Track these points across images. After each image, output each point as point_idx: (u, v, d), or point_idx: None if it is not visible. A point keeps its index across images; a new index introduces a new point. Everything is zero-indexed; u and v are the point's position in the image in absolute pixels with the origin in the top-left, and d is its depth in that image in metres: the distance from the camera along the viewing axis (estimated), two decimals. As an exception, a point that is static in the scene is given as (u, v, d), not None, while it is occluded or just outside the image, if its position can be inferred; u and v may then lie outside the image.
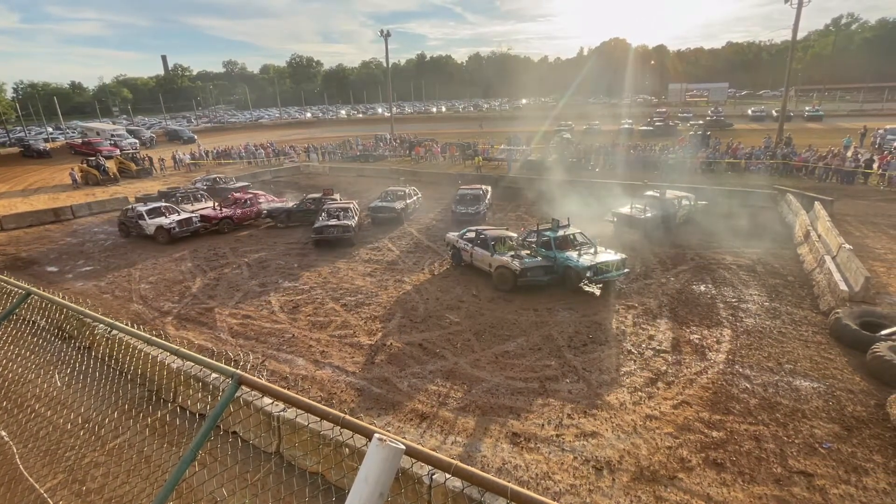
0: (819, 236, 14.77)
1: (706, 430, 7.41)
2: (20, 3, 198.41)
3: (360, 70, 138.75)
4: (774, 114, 47.35)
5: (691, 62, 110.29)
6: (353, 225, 17.64)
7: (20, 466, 4.96)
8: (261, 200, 21.43)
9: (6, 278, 5.55)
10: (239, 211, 20.28)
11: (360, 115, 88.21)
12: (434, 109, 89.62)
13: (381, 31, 46.93)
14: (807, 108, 54.22)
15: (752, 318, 11.11)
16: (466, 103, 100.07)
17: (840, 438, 7.17)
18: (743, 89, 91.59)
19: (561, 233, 13.77)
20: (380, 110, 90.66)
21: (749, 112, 55.68)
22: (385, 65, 54.22)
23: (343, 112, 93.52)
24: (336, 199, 20.59)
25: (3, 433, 5.35)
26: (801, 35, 40.97)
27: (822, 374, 8.81)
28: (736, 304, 11.85)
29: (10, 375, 5.46)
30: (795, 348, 9.74)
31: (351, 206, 18.93)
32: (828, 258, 12.69)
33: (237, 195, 21.73)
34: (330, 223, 17.31)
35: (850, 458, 6.75)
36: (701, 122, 48.06)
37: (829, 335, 10.12)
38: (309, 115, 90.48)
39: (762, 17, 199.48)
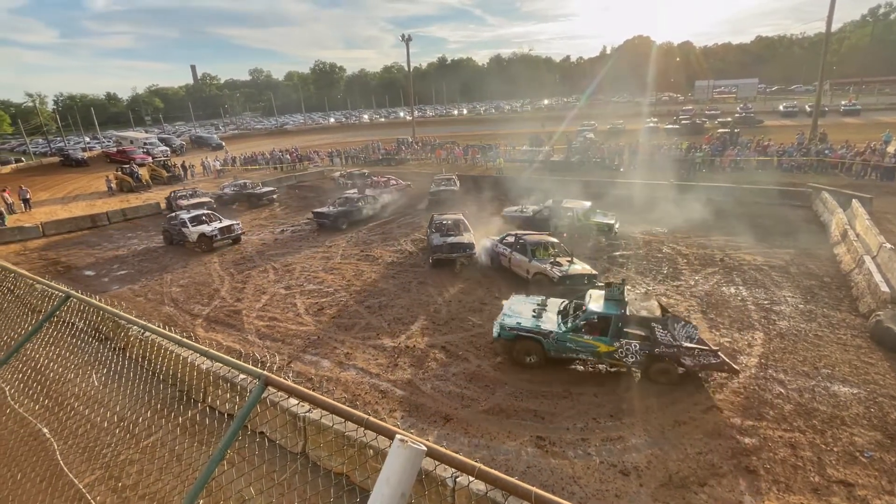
0: (857, 235, 14.18)
1: (738, 436, 7.19)
2: (59, 19, 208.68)
3: (381, 75, 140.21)
4: (808, 109, 45.68)
5: (719, 58, 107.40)
6: (457, 189, 24.88)
7: (60, 462, 5.17)
8: (392, 183, 26.67)
9: (47, 282, 5.80)
10: (378, 192, 24.64)
11: (383, 120, 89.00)
12: (455, 112, 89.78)
13: (402, 36, 47.35)
14: (843, 103, 52.03)
15: (786, 320, 10.73)
16: (488, 105, 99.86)
17: (882, 447, 6.85)
18: (773, 85, 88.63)
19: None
20: (402, 114, 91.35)
21: (780, 108, 53.84)
22: (406, 69, 54.63)
23: (366, 116, 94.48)
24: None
25: (45, 430, 5.58)
26: (835, 26, 39.52)
27: (863, 380, 8.44)
28: (768, 306, 11.47)
29: (52, 375, 5.70)
30: (833, 352, 9.37)
31: (453, 177, 26.63)
32: (867, 258, 12.17)
33: (375, 178, 27.31)
34: (441, 188, 24.78)
35: (893, 468, 6.44)
36: (729, 119, 46.73)
37: (869, 338, 9.70)
38: (332, 120, 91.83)
39: (791, 9, 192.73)
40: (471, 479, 1.99)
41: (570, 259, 12.89)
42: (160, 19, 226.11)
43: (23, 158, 53.19)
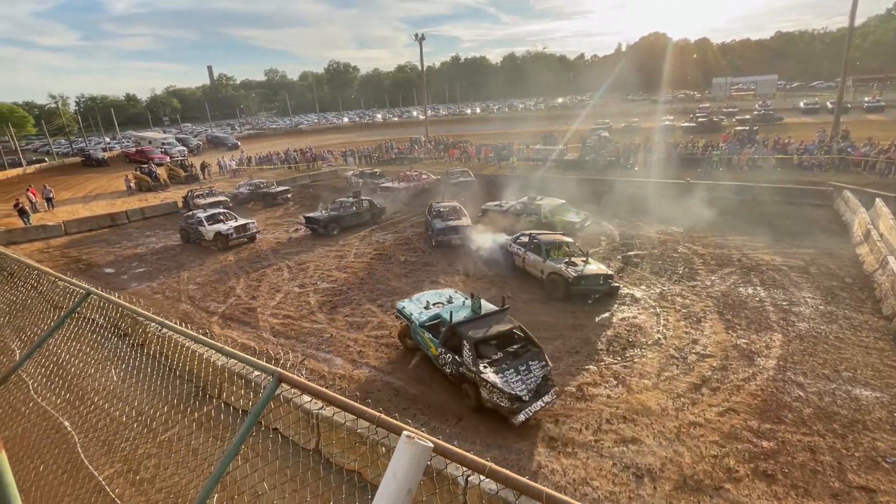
0: (881, 235, 13.82)
1: (755, 440, 7.06)
2: (80, 22, 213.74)
3: (395, 74, 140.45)
4: (829, 106, 44.60)
5: (737, 54, 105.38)
6: (473, 179, 27.38)
7: (81, 455, 5.29)
8: (423, 177, 28.25)
9: (69, 279, 5.94)
10: (411, 184, 27.20)
11: (396, 119, 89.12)
12: (468, 111, 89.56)
13: (416, 35, 47.38)
14: (866, 99, 50.69)
15: (806, 322, 10.50)
16: (501, 104, 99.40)
17: (906, 452, 6.67)
18: (794, 81, 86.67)
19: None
20: (415, 113, 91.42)
21: (801, 105, 52.63)
22: (420, 68, 54.69)
23: (379, 116, 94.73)
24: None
25: (67, 423, 5.72)
26: (858, 21, 38.52)
27: (886, 383, 8.23)
28: (787, 307, 11.24)
29: (73, 370, 5.83)
30: (855, 355, 9.15)
31: (467, 169, 29.12)
32: (891, 259, 11.85)
33: (408, 173, 28.52)
34: (459, 179, 27.32)
35: (917, 474, 6.27)
36: (747, 117, 45.86)
37: (892, 341, 9.45)
38: (346, 119, 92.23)
39: (812, 4, 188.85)
40: (482, 477, 1.99)
41: (585, 259, 12.74)
42: (178, 21, 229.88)
43: (45, 158, 54.50)
